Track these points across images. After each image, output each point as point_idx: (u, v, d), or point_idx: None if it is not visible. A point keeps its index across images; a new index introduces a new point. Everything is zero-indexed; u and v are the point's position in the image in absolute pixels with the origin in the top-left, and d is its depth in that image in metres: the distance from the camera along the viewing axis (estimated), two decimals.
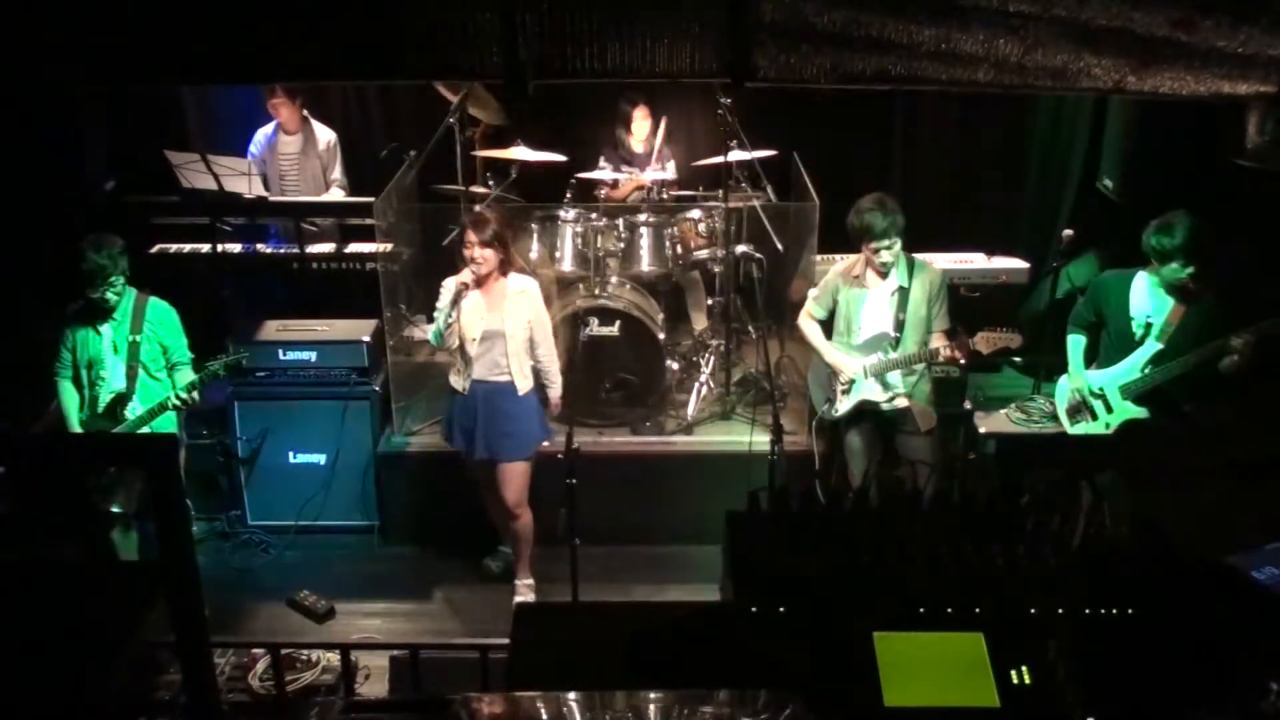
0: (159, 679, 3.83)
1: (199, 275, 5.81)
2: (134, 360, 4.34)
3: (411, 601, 4.87)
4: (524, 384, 4.54)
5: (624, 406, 5.41)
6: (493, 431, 4.53)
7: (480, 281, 4.42)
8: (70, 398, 4.39)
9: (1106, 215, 5.70)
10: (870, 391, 4.55)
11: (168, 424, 4.40)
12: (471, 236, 4.36)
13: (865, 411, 4.61)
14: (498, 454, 4.57)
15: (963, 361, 4.44)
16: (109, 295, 4.25)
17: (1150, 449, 2.49)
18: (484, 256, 4.34)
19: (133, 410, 4.34)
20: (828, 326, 4.69)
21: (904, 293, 4.43)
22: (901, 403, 4.55)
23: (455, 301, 4.37)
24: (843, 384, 4.61)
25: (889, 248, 4.33)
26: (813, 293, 4.74)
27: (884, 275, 4.46)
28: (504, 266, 4.45)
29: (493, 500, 4.80)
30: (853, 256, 4.63)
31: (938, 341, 4.40)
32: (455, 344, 4.48)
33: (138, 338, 4.34)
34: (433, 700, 3.45)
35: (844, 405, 4.62)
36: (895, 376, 4.53)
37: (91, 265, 4.17)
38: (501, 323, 4.45)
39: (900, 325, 4.44)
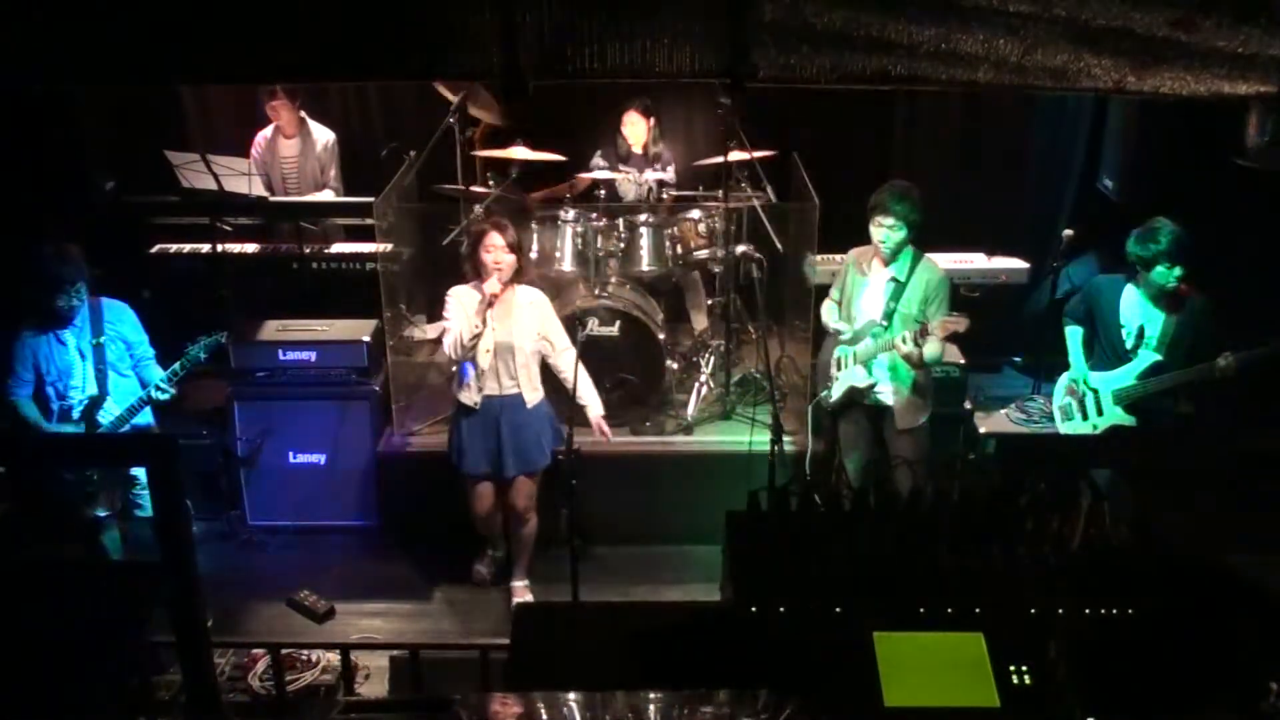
0: (159, 679, 3.84)
1: (199, 275, 5.80)
2: (101, 363, 4.29)
3: (411, 601, 4.85)
4: (533, 396, 4.52)
5: (624, 406, 5.40)
6: (520, 445, 4.50)
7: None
8: (33, 412, 4.27)
9: (1106, 215, 5.70)
10: (856, 377, 4.59)
11: (144, 420, 4.38)
12: (498, 240, 4.29)
13: (855, 401, 4.65)
14: (528, 467, 4.55)
15: (920, 346, 4.29)
16: (75, 303, 4.18)
17: (1149, 450, 2.50)
18: (510, 263, 4.30)
19: (109, 412, 4.29)
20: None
21: (898, 285, 4.44)
22: (885, 396, 4.56)
23: (489, 307, 4.31)
24: (835, 373, 4.67)
25: (890, 226, 4.33)
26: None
27: (886, 262, 4.45)
28: (518, 275, 4.41)
29: (490, 513, 4.76)
30: (869, 246, 4.62)
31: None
32: (476, 354, 4.41)
33: (101, 340, 4.29)
34: (433, 700, 3.46)
35: (836, 391, 4.69)
36: (878, 365, 4.52)
37: (57, 274, 4.10)
38: (510, 335, 4.41)
39: (889, 315, 4.44)
